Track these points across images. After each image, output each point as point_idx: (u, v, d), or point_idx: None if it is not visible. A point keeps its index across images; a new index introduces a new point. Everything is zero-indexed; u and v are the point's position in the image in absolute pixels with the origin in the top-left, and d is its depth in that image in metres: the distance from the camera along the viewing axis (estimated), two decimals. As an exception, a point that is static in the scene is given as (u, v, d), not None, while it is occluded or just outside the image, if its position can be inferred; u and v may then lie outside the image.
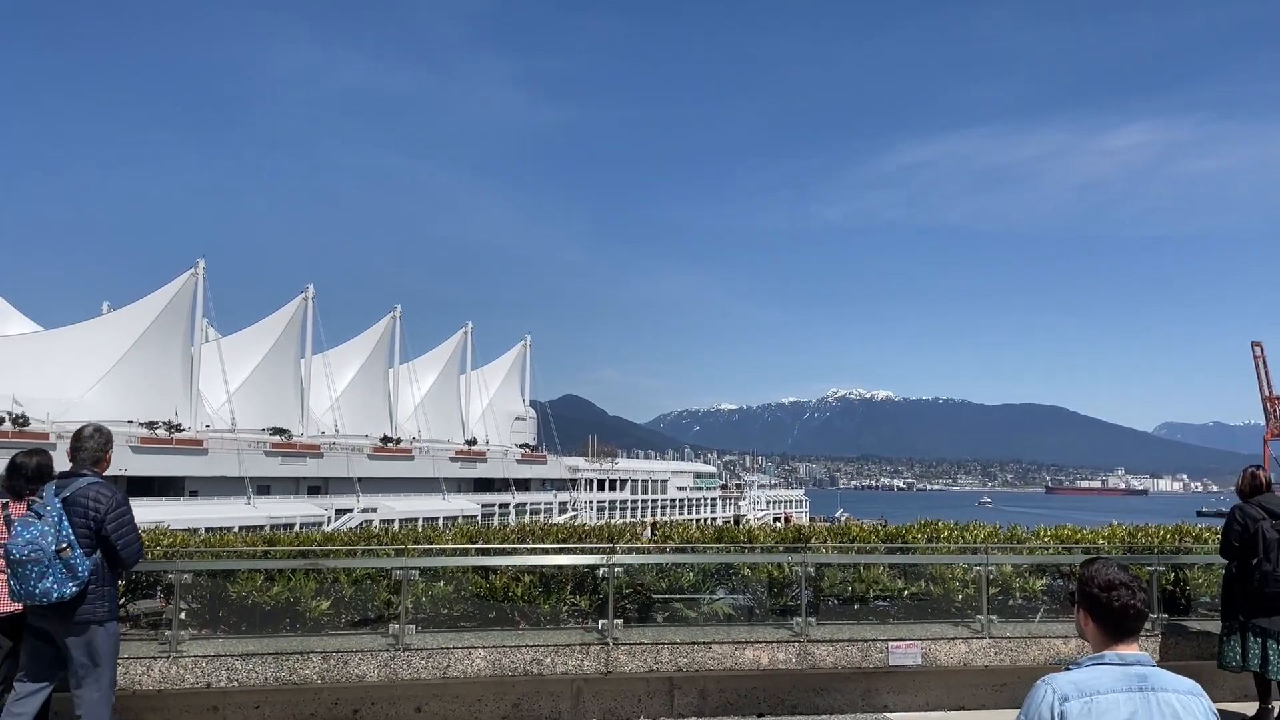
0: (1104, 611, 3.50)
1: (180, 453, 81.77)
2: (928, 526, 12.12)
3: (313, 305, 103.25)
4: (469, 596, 9.81)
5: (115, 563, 7.00)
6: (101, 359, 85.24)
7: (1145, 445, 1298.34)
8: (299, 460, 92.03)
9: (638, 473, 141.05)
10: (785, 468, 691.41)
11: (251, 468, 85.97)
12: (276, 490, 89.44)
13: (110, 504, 6.83)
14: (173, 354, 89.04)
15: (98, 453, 7.11)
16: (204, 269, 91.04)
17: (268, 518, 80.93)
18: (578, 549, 10.40)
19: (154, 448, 79.58)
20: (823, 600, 10.50)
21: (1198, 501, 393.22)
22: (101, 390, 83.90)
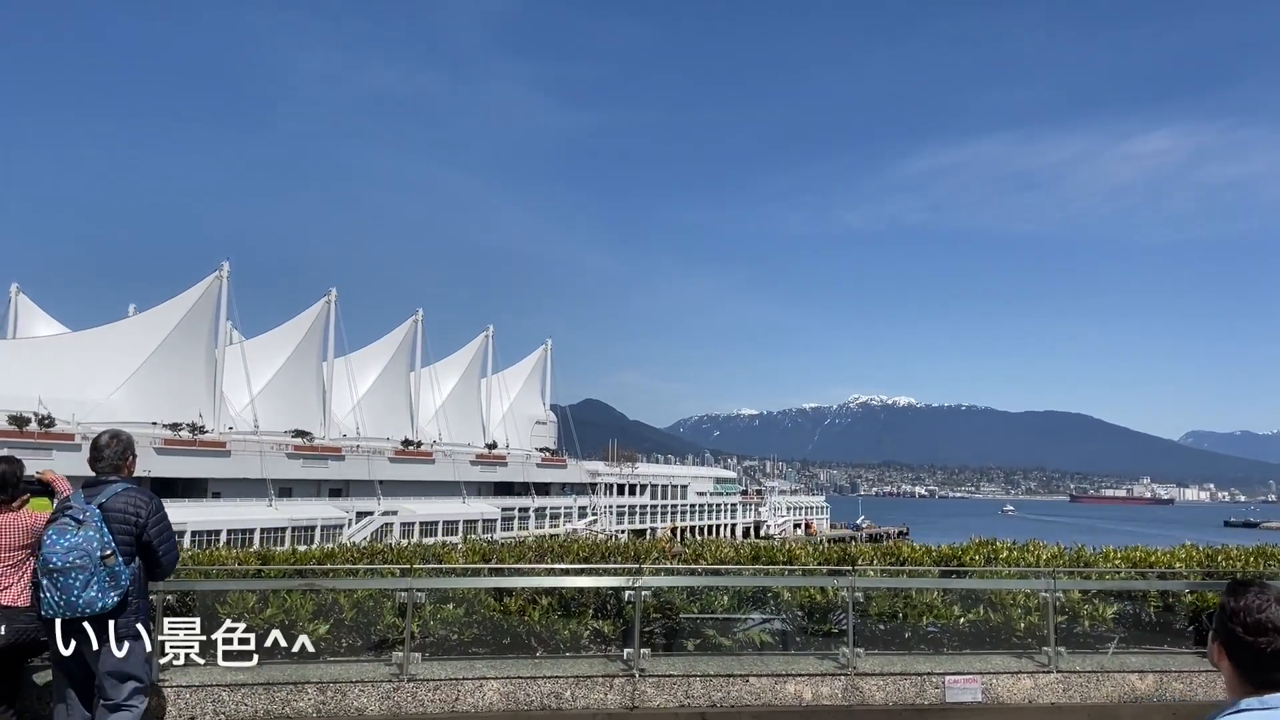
0: (1250, 656, 2.85)
1: (204, 454, 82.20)
2: (984, 546, 11.17)
3: (335, 308, 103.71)
4: (481, 620, 9.08)
5: (154, 571, 6.79)
6: (127, 361, 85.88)
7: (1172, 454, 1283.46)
8: (320, 462, 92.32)
9: (658, 477, 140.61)
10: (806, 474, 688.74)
11: (273, 470, 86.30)
12: (298, 492, 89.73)
13: (151, 509, 6.64)
14: (197, 356, 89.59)
15: (116, 460, 6.86)
16: (228, 272, 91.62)
17: (289, 520, 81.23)
18: (601, 569, 9.68)
19: (178, 449, 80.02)
20: (870, 627, 9.70)
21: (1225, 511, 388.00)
22: (126, 392, 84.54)
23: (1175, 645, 10.12)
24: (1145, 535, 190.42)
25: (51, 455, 72.24)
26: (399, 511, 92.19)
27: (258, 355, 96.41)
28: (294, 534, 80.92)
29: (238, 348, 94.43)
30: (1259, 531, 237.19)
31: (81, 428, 74.32)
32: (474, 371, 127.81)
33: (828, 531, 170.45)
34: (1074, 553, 11.24)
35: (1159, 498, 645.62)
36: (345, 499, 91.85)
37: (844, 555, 10.87)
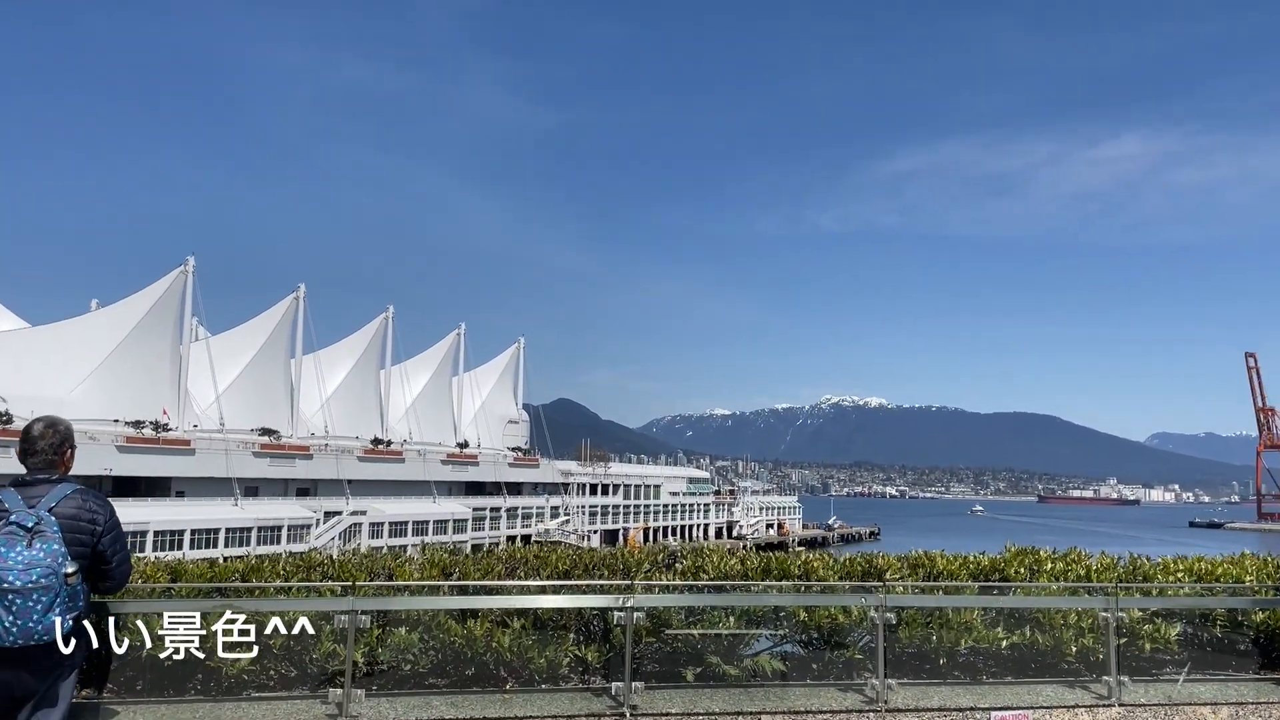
0: None
1: (167, 453, 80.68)
2: (1025, 555, 9.81)
3: (304, 305, 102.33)
4: (440, 647, 7.68)
5: (100, 586, 5.84)
6: (88, 357, 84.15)
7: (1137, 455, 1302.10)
8: (288, 461, 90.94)
9: (630, 477, 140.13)
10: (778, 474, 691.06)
11: (239, 469, 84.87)
12: (265, 492, 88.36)
13: (107, 515, 5.71)
14: (161, 353, 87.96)
15: (52, 453, 5.77)
16: (194, 267, 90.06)
17: (255, 520, 79.91)
18: (585, 587, 8.30)
19: (140, 447, 78.47)
20: (899, 651, 8.37)
21: (1190, 512, 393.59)
22: (88, 388, 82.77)
23: (1243, 670, 8.97)
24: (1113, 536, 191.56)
25: (10, 453, 70.58)
26: (368, 511, 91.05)
27: (224, 352, 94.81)
28: (260, 534, 79.62)
29: (203, 344, 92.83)
30: (1223, 532, 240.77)
31: (40, 425, 72.64)
32: (445, 370, 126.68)
33: (800, 532, 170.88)
34: (1128, 564, 9.95)
35: (1125, 498, 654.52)
36: (313, 499, 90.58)
37: (869, 568, 9.43)
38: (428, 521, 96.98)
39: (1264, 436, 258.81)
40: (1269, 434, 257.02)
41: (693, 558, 9.53)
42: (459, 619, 7.72)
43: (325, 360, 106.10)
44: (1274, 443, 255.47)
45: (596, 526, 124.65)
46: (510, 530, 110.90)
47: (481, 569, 9.04)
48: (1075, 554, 9.91)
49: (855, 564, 9.58)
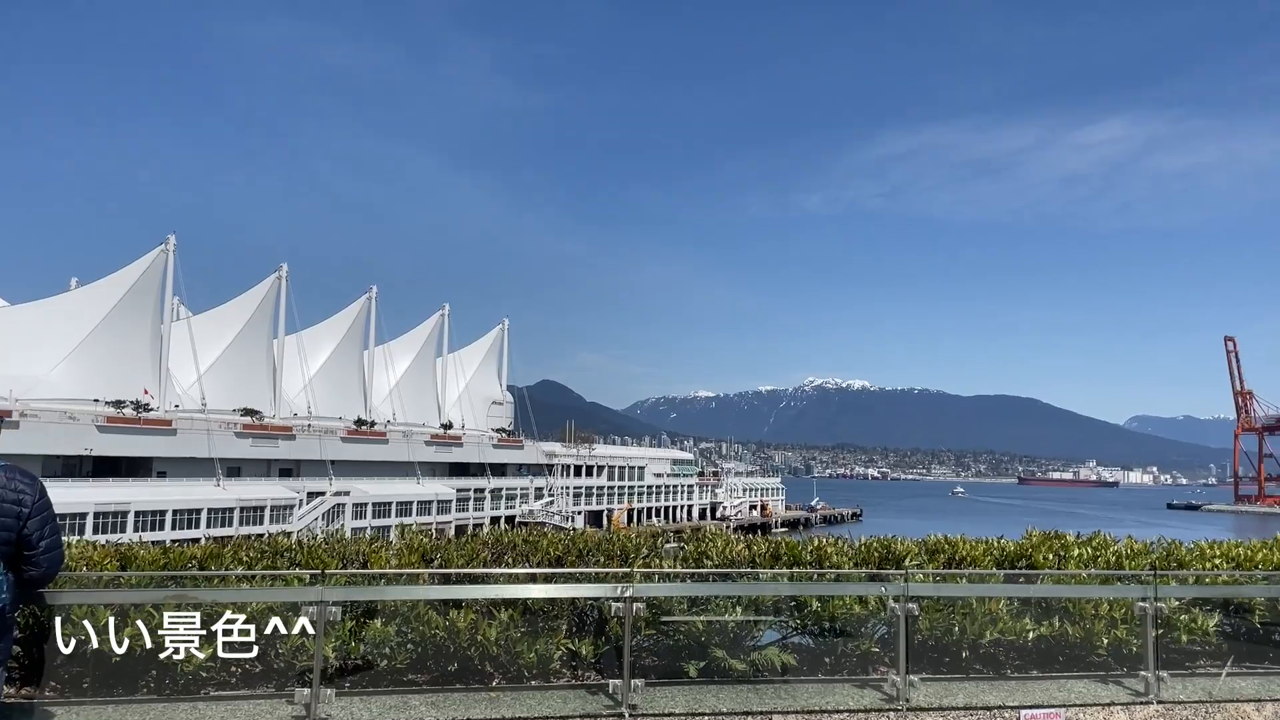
0: None
1: (148, 433, 80.00)
2: (1051, 541, 9.22)
3: (286, 285, 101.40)
4: (420, 641, 7.08)
5: (28, 574, 5.28)
6: (68, 335, 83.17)
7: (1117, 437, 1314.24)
8: (270, 442, 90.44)
9: (615, 459, 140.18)
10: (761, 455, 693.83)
11: (221, 449, 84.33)
12: (247, 472, 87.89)
13: (36, 493, 5.24)
14: (141, 332, 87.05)
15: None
16: (174, 245, 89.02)
17: (237, 500, 79.51)
18: (580, 575, 7.62)
19: (121, 427, 77.77)
20: (920, 643, 7.83)
21: (1168, 494, 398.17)
22: (67, 368, 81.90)
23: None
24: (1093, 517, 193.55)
25: None
26: (351, 492, 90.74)
27: (205, 331, 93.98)
28: (243, 515, 79.25)
29: (184, 323, 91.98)
30: (1200, 514, 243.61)
31: (20, 404, 71.88)
32: (429, 351, 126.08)
33: (783, 513, 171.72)
34: (1163, 550, 9.31)
35: (1104, 480, 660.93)
36: (296, 479, 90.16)
37: (886, 554, 8.76)
38: (411, 502, 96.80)
39: (1242, 419, 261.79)
40: (1247, 417, 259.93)
41: (695, 543, 8.90)
42: (441, 610, 7.11)
43: (308, 341, 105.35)
44: (1252, 425, 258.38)
45: (581, 508, 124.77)
46: (495, 511, 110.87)
47: (465, 554, 8.33)
48: (1101, 539, 9.39)
49: (872, 550, 8.90)
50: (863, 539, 9.22)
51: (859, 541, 9.16)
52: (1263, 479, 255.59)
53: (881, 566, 8.45)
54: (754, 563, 8.45)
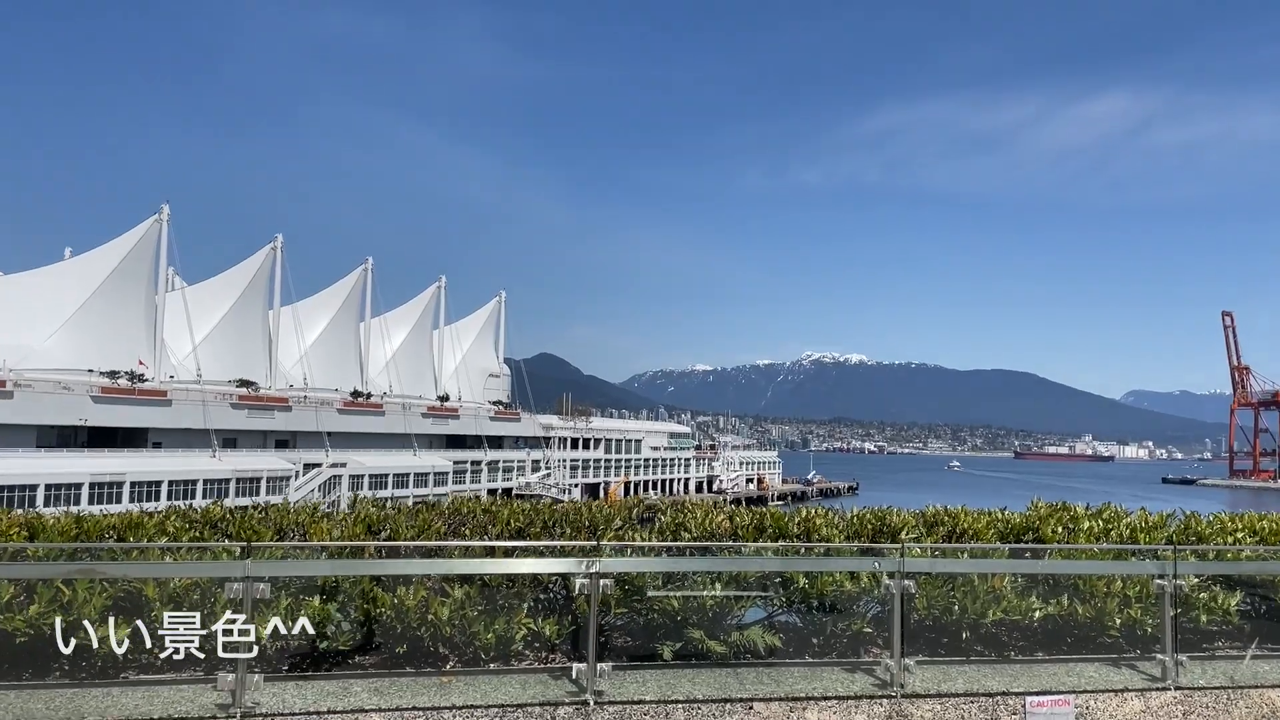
0: None
1: (143, 403, 79.75)
2: (1058, 513, 8.64)
3: (281, 255, 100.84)
4: (363, 621, 6.50)
5: None
6: (62, 305, 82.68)
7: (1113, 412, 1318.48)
8: (266, 413, 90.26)
9: (612, 432, 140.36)
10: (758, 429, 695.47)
11: (217, 420, 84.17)
12: (243, 443, 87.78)
13: None
14: (136, 302, 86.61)
15: None
16: (168, 215, 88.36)
17: (233, 471, 79.43)
18: (543, 549, 6.90)
19: (116, 398, 77.52)
20: (917, 624, 7.24)
21: (1163, 468, 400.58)
22: (61, 338, 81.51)
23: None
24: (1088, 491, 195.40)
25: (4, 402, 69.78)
26: (348, 464, 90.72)
27: (200, 302, 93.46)
28: (239, 485, 79.20)
29: (179, 294, 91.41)
30: (1196, 489, 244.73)
31: (14, 374, 71.57)
32: (426, 323, 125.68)
33: (779, 486, 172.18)
34: (1180, 522, 8.66)
35: (1099, 455, 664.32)
36: (292, 451, 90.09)
37: (880, 526, 8.07)
38: (408, 474, 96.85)
39: (1238, 394, 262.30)
40: (1243, 392, 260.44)
41: (672, 514, 8.27)
42: (388, 586, 6.47)
43: (304, 312, 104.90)
44: (1248, 400, 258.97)
45: (578, 480, 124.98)
46: (492, 484, 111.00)
47: (417, 526, 7.56)
48: (1113, 511, 8.84)
49: (865, 522, 8.18)
50: (855, 510, 8.58)
51: (851, 513, 8.49)
52: (1258, 454, 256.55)
53: (876, 540, 7.83)
54: (736, 535, 7.78)
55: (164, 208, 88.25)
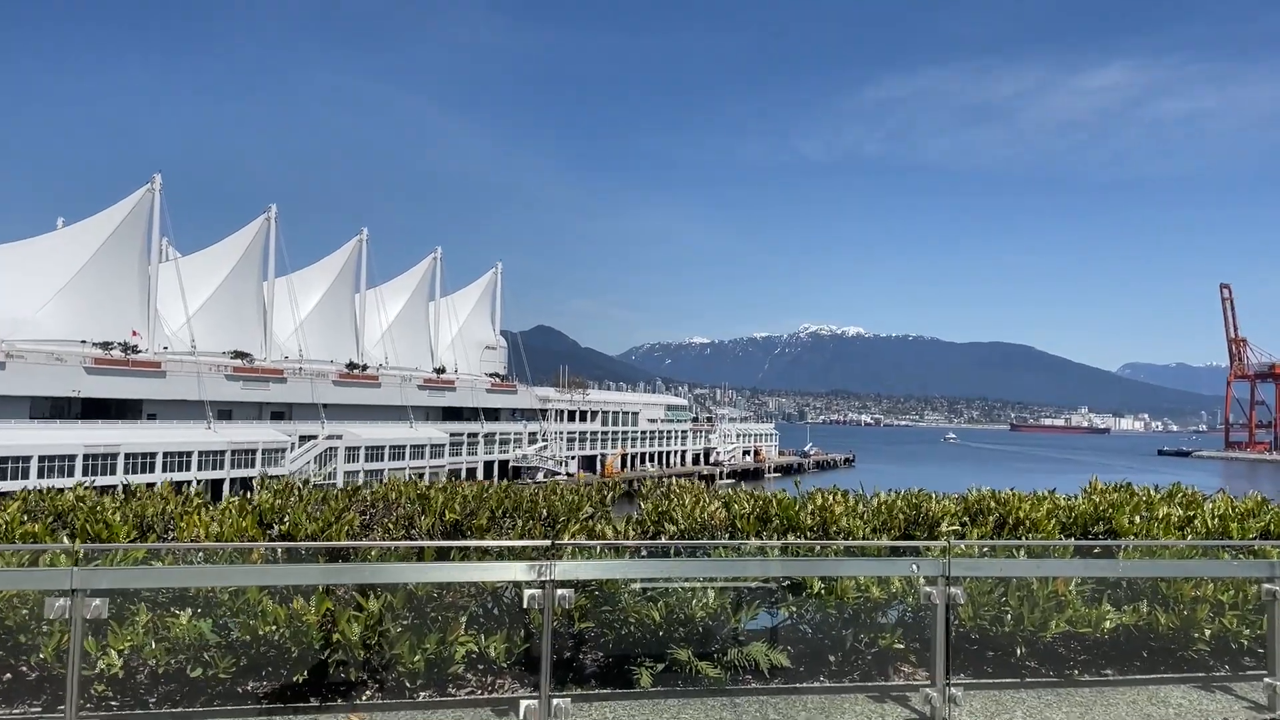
0: None
1: (137, 375, 79.27)
2: (1123, 493, 7.25)
3: (276, 226, 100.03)
4: (251, 641, 5.03)
5: None
6: (54, 276, 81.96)
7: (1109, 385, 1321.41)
8: (261, 385, 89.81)
9: (609, 404, 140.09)
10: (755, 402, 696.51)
11: (212, 391, 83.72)
12: (238, 415, 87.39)
13: None
14: (129, 273, 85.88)
15: None
16: (160, 185, 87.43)
17: (228, 443, 79.10)
18: (486, 551, 5.48)
19: (109, 369, 77.02)
20: (962, 637, 5.97)
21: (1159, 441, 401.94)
22: (54, 308, 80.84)
23: None
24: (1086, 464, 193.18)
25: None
26: (344, 436, 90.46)
27: (194, 273, 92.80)
28: (234, 457, 78.91)
29: (173, 265, 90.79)
30: (1191, 460, 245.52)
31: (6, 345, 71.04)
32: (422, 294, 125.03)
33: (776, 459, 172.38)
34: (1274, 510, 7.19)
35: (1095, 427, 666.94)
36: (288, 422, 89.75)
37: (916, 516, 6.59)
38: (404, 446, 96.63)
39: (1235, 367, 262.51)
40: (1240, 364, 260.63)
41: (655, 500, 6.75)
42: (282, 597, 5.04)
43: (299, 283, 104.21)
44: (1244, 373, 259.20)
45: (575, 453, 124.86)
46: (488, 456, 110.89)
47: (324, 518, 5.87)
48: (1189, 494, 7.41)
49: (895, 510, 6.63)
50: (881, 494, 7.04)
51: (877, 498, 6.93)
52: (1254, 426, 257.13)
53: (909, 533, 6.43)
54: (734, 528, 6.39)
55: (156, 177, 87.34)
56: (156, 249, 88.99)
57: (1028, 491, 7.31)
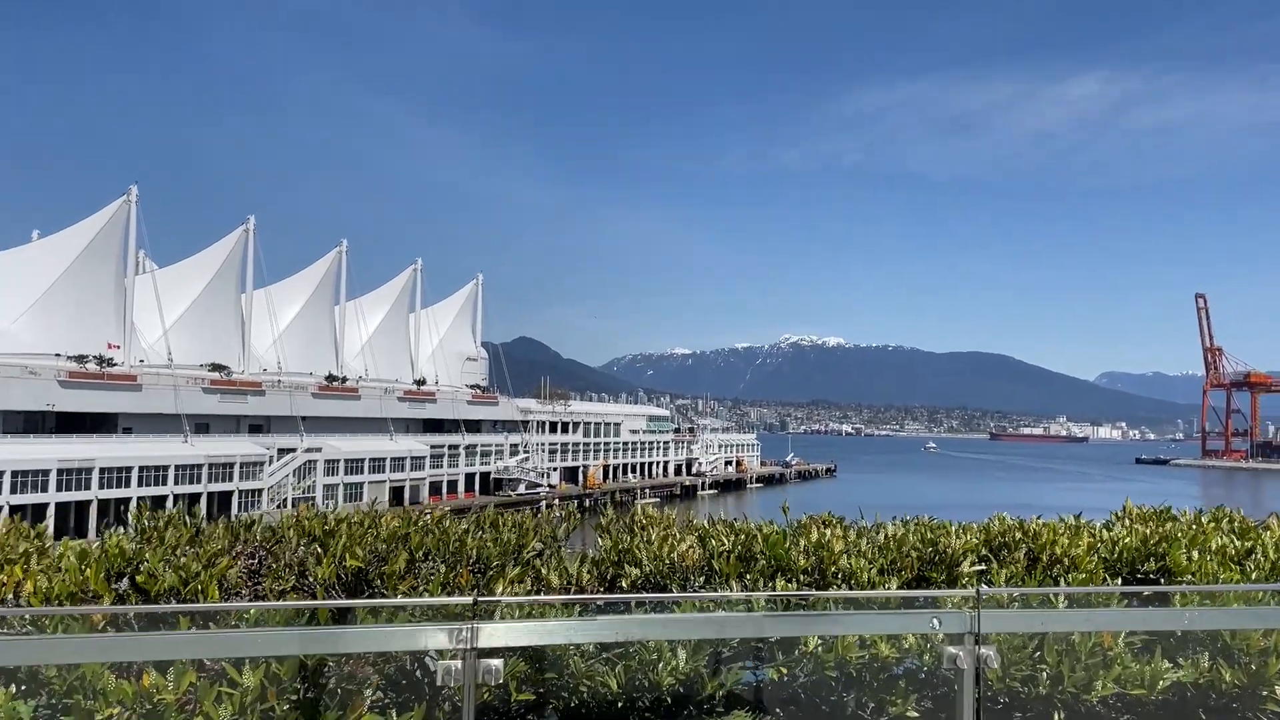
0: None
1: (113, 388, 78.32)
2: (1170, 524, 6.07)
3: (254, 238, 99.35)
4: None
5: None
6: (29, 288, 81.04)
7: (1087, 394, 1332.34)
8: (239, 398, 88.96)
9: (591, 415, 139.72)
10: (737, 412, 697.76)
11: (189, 405, 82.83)
12: (216, 428, 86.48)
13: None
14: (104, 285, 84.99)
15: None
16: (137, 196, 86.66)
17: (206, 457, 78.21)
18: (393, 612, 4.33)
19: (84, 382, 76.05)
20: (989, 700, 4.72)
21: (1136, 449, 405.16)
22: (28, 321, 79.90)
23: None
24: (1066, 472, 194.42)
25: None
26: (323, 449, 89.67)
27: (171, 285, 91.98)
28: (211, 472, 78.03)
29: (149, 277, 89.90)
30: (1169, 469, 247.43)
31: (-22, 359, 70.07)
32: (402, 306, 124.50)
33: (758, 469, 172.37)
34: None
35: (1074, 436, 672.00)
36: (266, 436, 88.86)
37: (932, 553, 5.43)
38: (384, 459, 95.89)
39: (1211, 375, 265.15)
40: (1216, 373, 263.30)
41: (616, 535, 5.49)
42: (128, 671, 3.81)
43: (277, 295, 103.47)
44: (1220, 381, 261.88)
45: (556, 464, 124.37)
46: (469, 468, 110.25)
47: (188, 568, 4.54)
48: (1234, 518, 6.23)
49: (906, 545, 5.39)
50: (888, 527, 5.81)
51: (882, 530, 5.71)
52: (1230, 434, 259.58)
53: (923, 575, 5.26)
54: (710, 571, 5.15)
55: (132, 189, 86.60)
56: (133, 261, 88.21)
57: (1052, 513, 6.23)
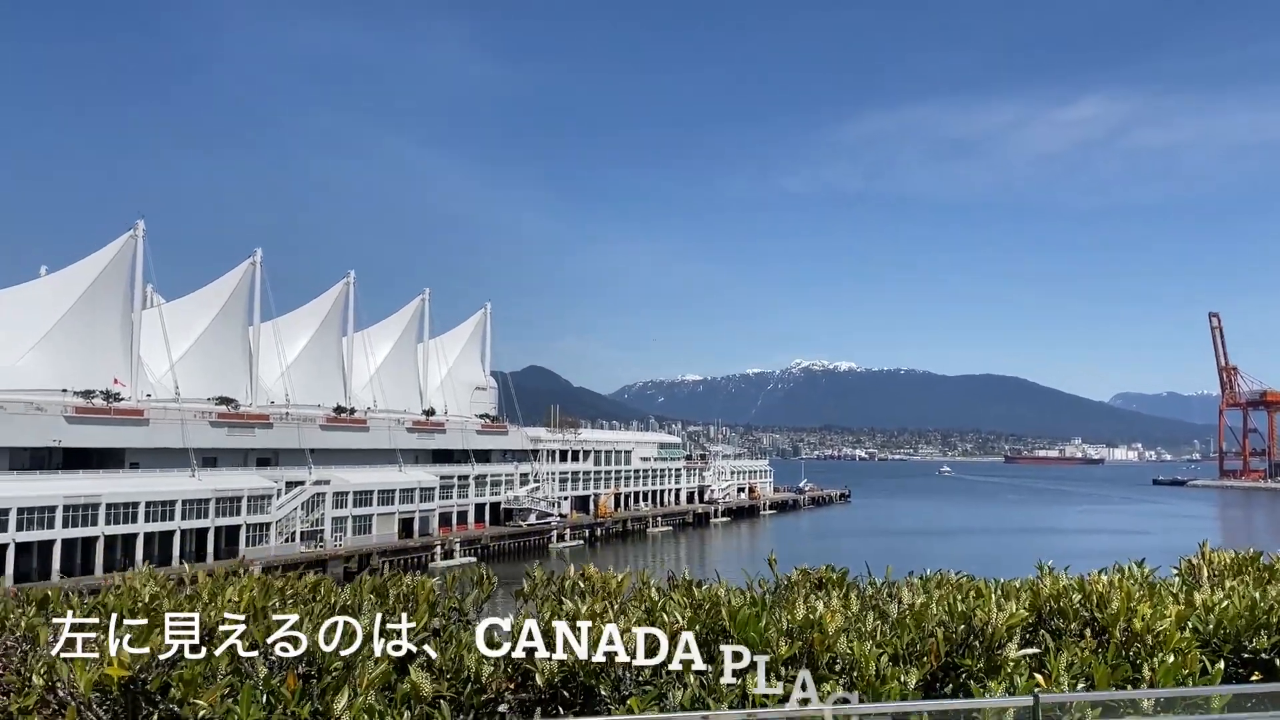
0: None
1: (120, 423, 78.03)
2: (1251, 564, 5.17)
3: (261, 270, 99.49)
4: None
5: None
6: (36, 324, 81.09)
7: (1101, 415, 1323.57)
8: (247, 431, 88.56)
9: (601, 443, 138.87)
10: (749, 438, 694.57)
11: (196, 438, 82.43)
12: (223, 462, 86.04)
13: None
14: (111, 320, 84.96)
15: None
16: (144, 231, 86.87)
17: (214, 491, 77.73)
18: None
19: (91, 418, 75.82)
20: None
21: (1153, 470, 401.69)
22: (36, 357, 79.81)
23: None
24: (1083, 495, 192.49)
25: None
26: (331, 481, 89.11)
27: (178, 318, 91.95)
28: (219, 506, 77.51)
29: (156, 311, 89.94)
30: (1186, 490, 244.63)
31: (-15, 395, 69.93)
32: (410, 336, 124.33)
33: (771, 495, 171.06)
34: None
35: (1089, 457, 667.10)
36: (274, 469, 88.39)
37: (964, 631, 3.93)
38: (394, 490, 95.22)
39: (1226, 395, 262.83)
40: (1231, 392, 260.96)
41: (540, 605, 4.49)
42: None
43: (284, 327, 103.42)
44: (1236, 401, 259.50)
45: (567, 493, 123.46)
46: (479, 498, 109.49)
47: None
48: None
49: (929, 619, 4.01)
50: (904, 591, 4.58)
51: (896, 595, 4.53)
52: (1247, 454, 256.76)
53: (952, 664, 3.90)
54: (655, 671, 3.85)
55: (139, 223, 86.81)
56: (139, 295, 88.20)
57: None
